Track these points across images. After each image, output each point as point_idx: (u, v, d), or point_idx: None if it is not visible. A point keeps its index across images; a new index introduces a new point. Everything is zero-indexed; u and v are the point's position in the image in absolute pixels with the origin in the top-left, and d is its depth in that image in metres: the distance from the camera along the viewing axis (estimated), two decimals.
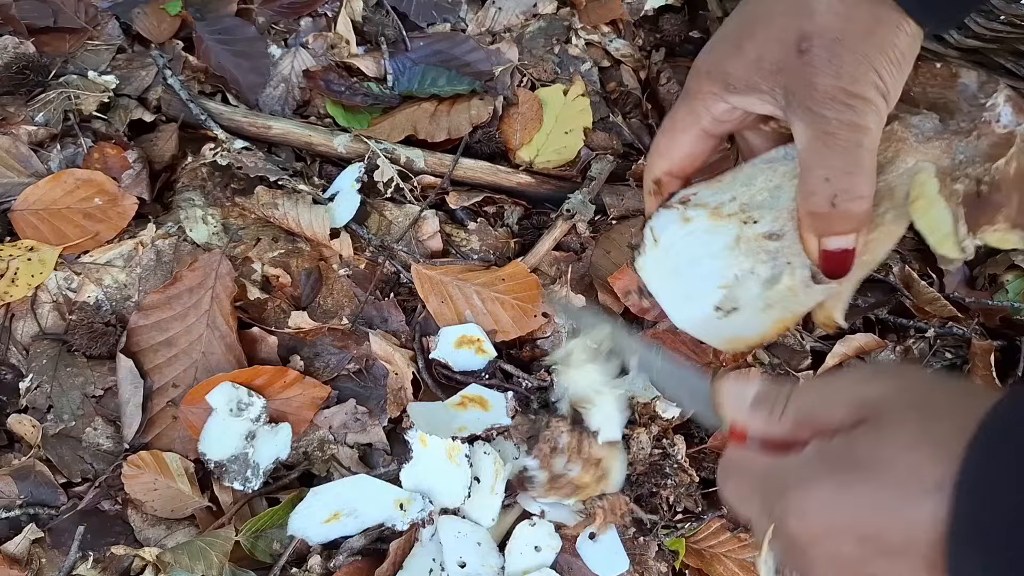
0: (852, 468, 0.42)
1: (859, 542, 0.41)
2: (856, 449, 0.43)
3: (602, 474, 0.77)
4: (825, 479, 0.43)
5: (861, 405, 0.44)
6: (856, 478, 0.42)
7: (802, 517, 0.43)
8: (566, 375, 0.76)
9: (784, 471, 0.46)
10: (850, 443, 0.43)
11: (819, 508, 0.43)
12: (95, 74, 0.99)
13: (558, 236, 0.95)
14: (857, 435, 0.43)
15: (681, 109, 0.64)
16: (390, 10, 1.10)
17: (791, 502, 0.44)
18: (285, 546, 0.78)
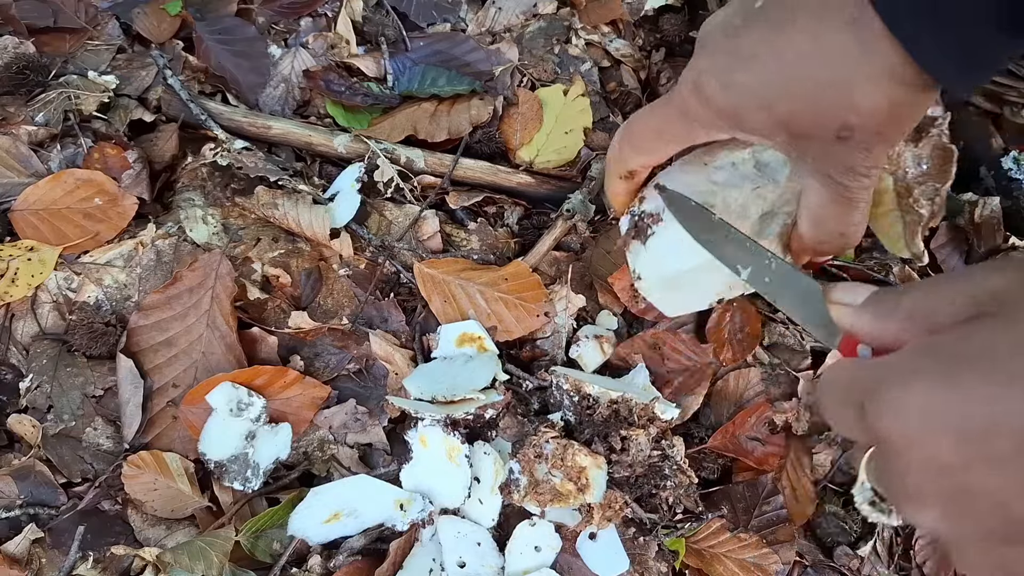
0: (966, 361, 0.37)
1: (961, 444, 0.36)
2: (970, 342, 0.38)
3: (585, 484, 0.77)
4: (929, 372, 0.38)
5: (983, 298, 0.39)
6: (970, 371, 0.36)
7: (898, 415, 0.38)
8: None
9: (882, 368, 0.40)
10: (963, 336, 0.38)
11: (919, 404, 0.37)
12: (95, 74, 0.99)
13: (558, 236, 0.95)
14: (972, 328, 0.39)
15: (676, 122, 0.62)
16: (390, 10, 1.10)
17: (887, 398, 0.39)
18: (285, 546, 0.79)
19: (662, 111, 0.63)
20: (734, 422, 0.88)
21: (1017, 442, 0.35)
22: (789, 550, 0.84)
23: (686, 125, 0.61)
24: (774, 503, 0.86)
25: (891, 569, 0.90)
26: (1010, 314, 0.37)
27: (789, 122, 0.57)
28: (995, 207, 1.04)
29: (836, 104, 0.54)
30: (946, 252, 1.04)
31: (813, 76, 0.53)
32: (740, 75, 0.56)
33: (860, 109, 0.54)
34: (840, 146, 0.56)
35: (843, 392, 0.42)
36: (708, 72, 0.58)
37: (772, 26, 0.55)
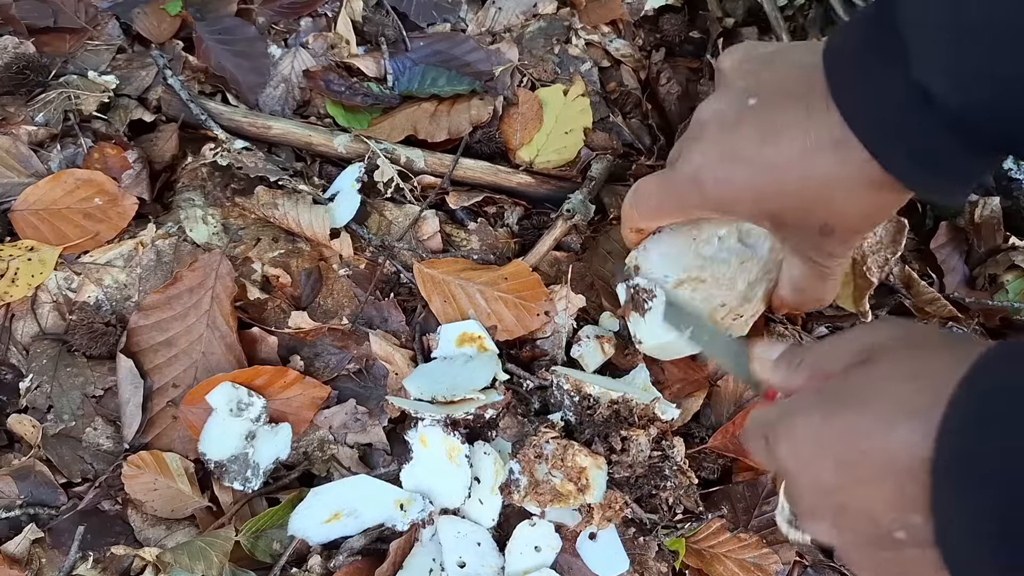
0: (841, 398, 0.45)
1: (838, 468, 0.43)
2: (847, 383, 0.45)
3: (585, 484, 0.77)
4: (814, 408, 0.46)
5: (862, 349, 0.47)
6: (843, 406, 0.44)
7: (791, 444, 0.46)
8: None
9: (782, 407, 0.49)
10: (844, 379, 0.46)
11: (806, 435, 0.45)
12: (95, 74, 0.99)
13: (558, 236, 0.95)
14: (851, 372, 0.46)
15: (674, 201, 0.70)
16: (390, 10, 1.10)
17: (782, 431, 0.47)
18: (285, 546, 0.79)
19: (663, 190, 0.71)
20: (734, 422, 0.88)
21: (879, 467, 0.41)
22: (789, 550, 0.84)
23: (683, 207, 0.70)
24: (774, 503, 0.86)
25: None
26: (879, 361, 0.45)
27: (776, 216, 0.64)
28: (995, 207, 1.04)
29: (819, 208, 0.61)
30: (946, 252, 1.04)
31: (800, 184, 0.60)
32: (734, 173, 0.63)
33: (841, 215, 0.61)
34: (820, 238, 0.64)
35: (755, 428, 0.51)
36: (705, 168, 0.64)
37: (764, 132, 0.61)
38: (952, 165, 0.54)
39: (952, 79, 0.49)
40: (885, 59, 0.53)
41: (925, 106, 0.51)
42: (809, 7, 1.19)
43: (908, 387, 0.42)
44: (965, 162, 0.54)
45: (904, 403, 0.41)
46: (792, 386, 0.53)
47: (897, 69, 0.52)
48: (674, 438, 0.82)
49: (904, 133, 0.53)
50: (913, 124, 0.53)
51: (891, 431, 0.41)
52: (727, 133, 0.63)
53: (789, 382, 0.53)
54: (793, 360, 0.53)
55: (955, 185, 0.56)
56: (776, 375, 0.55)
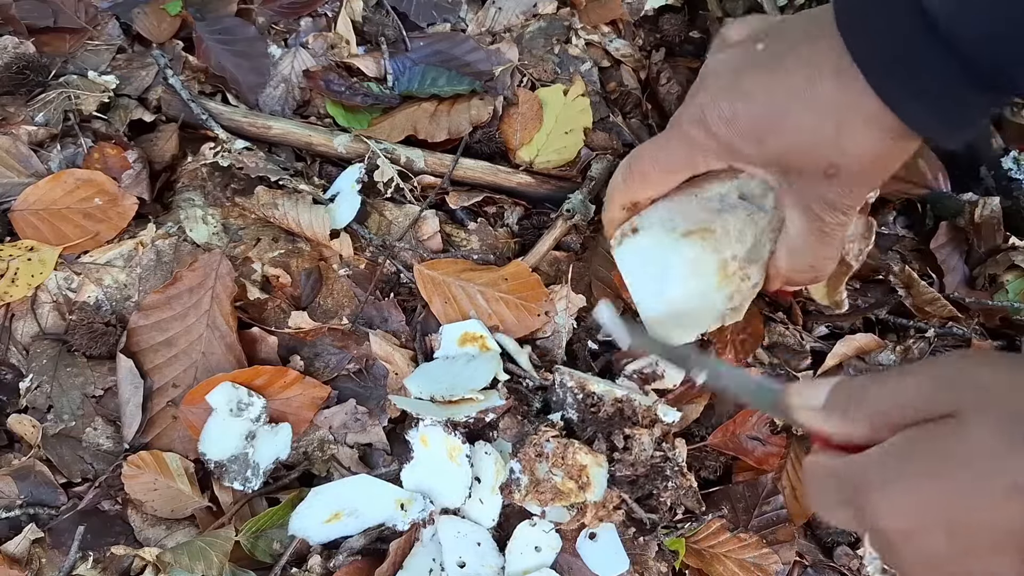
0: (942, 463, 0.42)
1: (951, 538, 0.41)
2: (944, 445, 0.42)
3: (586, 482, 0.77)
4: (911, 474, 0.42)
5: (940, 401, 0.44)
6: (944, 472, 0.41)
7: (891, 515, 0.43)
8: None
9: (867, 469, 0.45)
10: (936, 439, 0.43)
11: (907, 504, 0.42)
12: (95, 74, 0.99)
13: (558, 236, 0.95)
14: (941, 432, 0.43)
15: (679, 152, 0.67)
16: (390, 10, 1.10)
17: (879, 501, 0.43)
18: (285, 546, 0.79)
19: (667, 146, 0.68)
20: (734, 421, 0.88)
21: (997, 537, 0.40)
22: (789, 550, 0.84)
23: (690, 156, 0.67)
24: (774, 503, 0.86)
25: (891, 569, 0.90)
26: (968, 418, 0.42)
27: (780, 156, 0.62)
28: (995, 207, 1.04)
29: (824, 145, 0.59)
30: (946, 252, 1.04)
31: (804, 118, 0.58)
32: (739, 109, 0.61)
33: (846, 151, 0.59)
34: (825, 182, 0.62)
35: (834, 494, 0.47)
36: (709, 106, 0.63)
37: (769, 69, 0.60)
38: (950, 98, 0.53)
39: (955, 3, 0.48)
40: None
41: (927, 34, 0.50)
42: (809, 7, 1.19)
43: (1009, 450, 0.40)
44: (964, 96, 0.53)
45: (1011, 470, 0.39)
46: (855, 437, 0.48)
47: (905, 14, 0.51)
48: (675, 440, 0.82)
49: (902, 60, 0.52)
50: (913, 52, 0.51)
51: (1007, 502, 0.39)
52: (732, 76, 0.62)
53: (851, 434, 0.48)
54: (849, 407, 0.48)
55: (953, 122, 0.54)
56: (832, 424, 0.49)
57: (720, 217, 0.71)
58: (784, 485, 0.88)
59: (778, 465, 0.88)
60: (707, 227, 0.71)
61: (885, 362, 0.94)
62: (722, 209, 0.71)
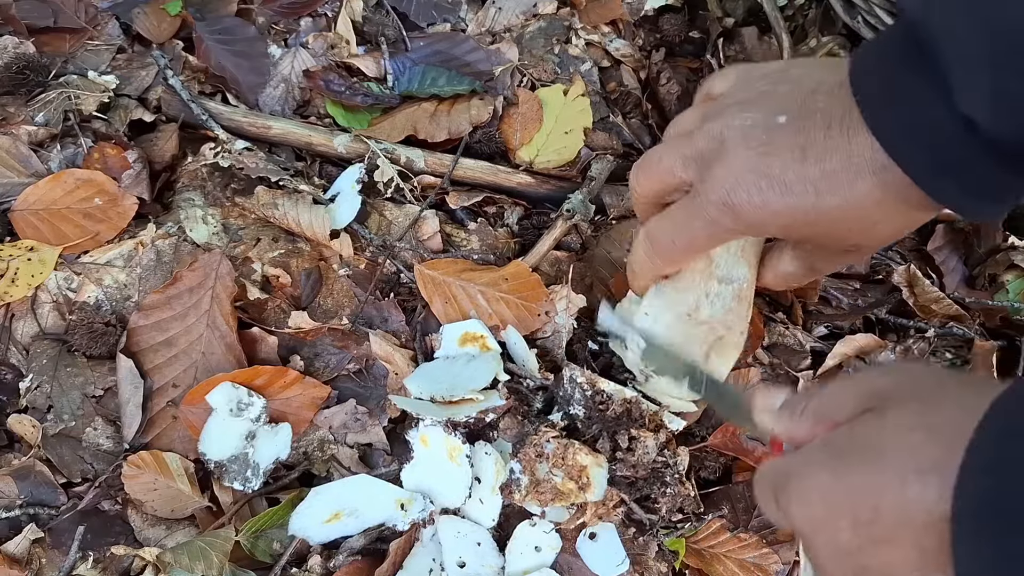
0: (850, 453, 0.42)
1: (854, 528, 0.41)
2: (855, 436, 0.43)
3: (586, 482, 0.77)
4: (824, 465, 0.43)
5: (869, 396, 0.45)
6: (854, 462, 0.42)
7: (803, 504, 0.44)
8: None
9: (788, 463, 0.47)
10: (851, 430, 0.44)
11: (818, 494, 0.43)
12: (95, 74, 0.99)
13: (558, 236, 0.95)
14: (858, 423, 0.44)
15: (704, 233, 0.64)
16: (390, 10, 1.10)
17: (793, 491, 0.44)
18: (285, 546, 0.79)
19: (690, 227, 0.65)
20: None
21: (895, 525, 0.40)
22: (789, 550, 0.84)
23: (713, 237, 0.65)
24: None
25: None
26: (888, 410, 0.43)
27: (806, 237, 0.64)
28: None
29: (854, 232, 0.59)
30: (945, 253, 1.04)
31: (839, 208, 0.57)
32: (771, 196, 0.58)
33: (874, 236, 0.60)
34: (839, 254, 0.65)
35: (764, 486, 0.49)
36: (735, 191, 0.60)
37: (804, 153, 0.57)
38: (999, 189, 0.53)
39: (995, 107, 0.48)
40: (920, 84, 0.52)
41: (968, 134, 0.50)
42: (809, 7, 1.19)
43: (919, 439, 0.40)
44: (1013, 185, 0.53)
45: (916, 457, 0.39)
46: (797, 436, 0.51)
47: (934, 95, 0.51)
48: (679, 448, 0.82)
49: (949, 162, 0.52)
50: (956, 152, 0.51)
51: (905, 487, 0.39)
52: (758, 152, 0.58)
53: (794, 432, 0.51)
54: (796, 408, 0.51)
55: (1002, 206, 0.55)
56: (779, 424, 0.52)
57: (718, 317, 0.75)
58: None
59: None
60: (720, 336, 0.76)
61: (885, 362, 0.94)
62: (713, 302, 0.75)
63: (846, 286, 0.99)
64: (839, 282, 1.00)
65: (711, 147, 0.61)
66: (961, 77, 0.49)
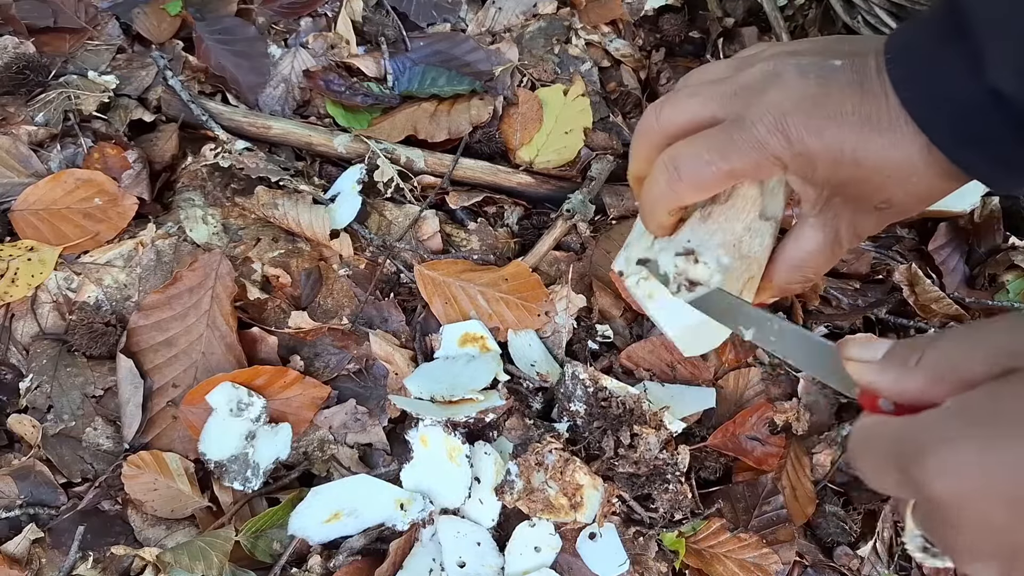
0: (1004, 424, 0.38)
1: (1011, 506, 0.38)
2: (1004, 401, 0.39)
3: (579, 502, 0.77)
4: (971, 435, 0.39)
5: (1009, 354, 0.40)
6: (1007, 434, 0.38)
7: (946, 478, 0.39)
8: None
9: (922, 429, 0.41)
10: (995, 396, 0.39)
11: (965, 467, 0.38)
12: (95, 74, 0.99)
13: (558, 236, 0.95)
14: (1005, 387, 0.39)
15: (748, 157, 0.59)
16: (390, 10, 1.10)
17: (933, 462, 0.39)
18: (285, 546, 0.79)
19: (731, 148, 0.60)
20: (734, 421, 0.88)
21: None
22: (789, 550, 0.84)
23: (758, 164, 0.60)
24: (774, 503, 0.86)
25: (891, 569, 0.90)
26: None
27: (846, 183, 0.59)
28: (995, 207, 1.04)
29: (894, 179, 0.57)
30: (946, 252, 1.04)
31: (889, 148, 0.56)
32: (827, 126, 0.56)
33: (910, 191, 0.58)
34: (868, 213, 0.61)
35: (883, 455, 0.43)
36: (793, 115, 0.57)
37: (860, 89, 0.56)
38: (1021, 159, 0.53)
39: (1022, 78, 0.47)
40: (950, 56, 0.51)
41: (995, 106, 0.50)
42: (809, 7, 1.19)
43: None
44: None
45: None
46: (908, 392, 0.44)
47: (964, 66, 0.50)
48: (679, 447, 0.82)
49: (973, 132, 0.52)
50: (981, 124, 0.51)
51: None
52: (817, 83, 0.57)
53: (907, 389, 0.45)
54: (908, 359, 0.44)
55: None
56: (885, 377, 0.45)
57: (755, 255, 0.66)
58: (784, 485, 0.88)
59: (778, 465, 0.88)
60: (751, 274, 0.66)
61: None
62: (752, 238, 0.66)
63: (846, 286, 0.99)
64: (839, 282, 1.00)
65: (762, 79, 0.59)
66: (992, 48, 0.49)
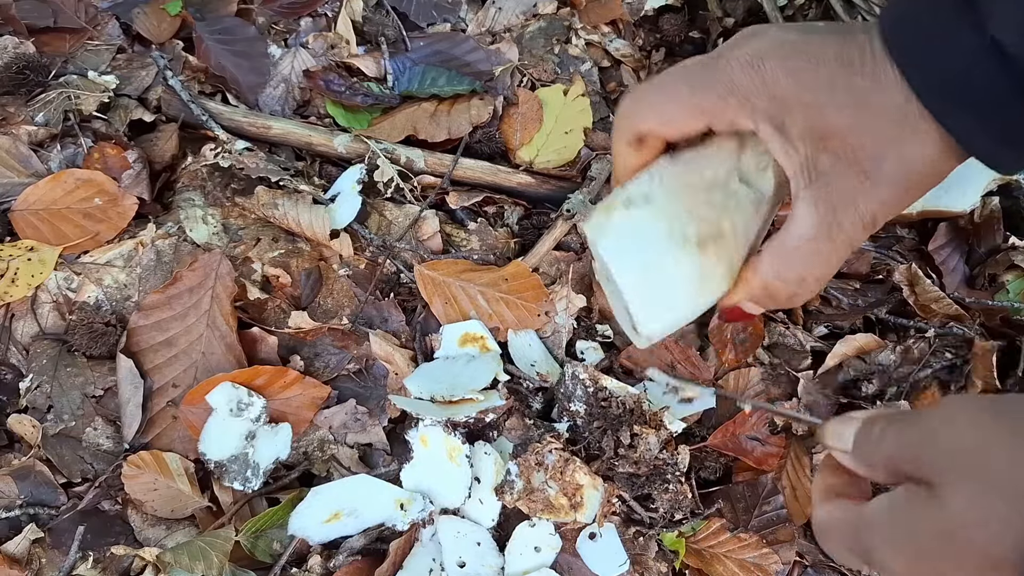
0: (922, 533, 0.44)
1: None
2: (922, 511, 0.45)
3: (579, 502, 0.77)
4: (904, 546, 0.46)
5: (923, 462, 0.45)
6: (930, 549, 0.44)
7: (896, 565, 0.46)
8: None
9: (871, 524, 0.48)
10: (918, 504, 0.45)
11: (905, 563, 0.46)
12: (95, 74, 0.99)
13: (558, 236, 0.95)
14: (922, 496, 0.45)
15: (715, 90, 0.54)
16: (390, 10, 1.10)
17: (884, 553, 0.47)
18: (285, 546, 0.79)
19: (701, 78, 0.55)
20: (734, 421, 0.88)
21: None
22: (789, 550, 0.84)
23: (723, 101, 0.55)
24: (774, 503, 0.86)
25: None
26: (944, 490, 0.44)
27: (826, 133, 0.53)
28: (995, 207, 1.04)
29: (873, 142, 0.53)
30: (946, 253, 1.04)
31: (863, 99, 0.52)
32: (801, 68, 0.52)
33: (901, 157, 0.53)
34: (861, 183, 0.54)
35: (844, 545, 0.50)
36: (769, 55, 0.53)
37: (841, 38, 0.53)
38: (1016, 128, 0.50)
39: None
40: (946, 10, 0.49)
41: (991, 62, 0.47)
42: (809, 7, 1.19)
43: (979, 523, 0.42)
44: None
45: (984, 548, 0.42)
46: (875, 478, 0.51)
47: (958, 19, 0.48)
48: (679, 447, 0.82)
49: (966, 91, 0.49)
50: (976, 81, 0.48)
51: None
52: (798, 31, 0.54)
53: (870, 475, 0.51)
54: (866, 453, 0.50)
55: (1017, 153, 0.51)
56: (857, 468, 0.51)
57: (727, 213, 0.58)
58: (784, 485, 0.88)
59: (778, 465, 0.88)
60: (718, 230, 0.58)
61: (885, 362, 0.94)
62: (727, 198, 0.59)
63: (846, 286, 0.99)
64: (839, 282, 1.00)
65: (742, 36, 0.56)
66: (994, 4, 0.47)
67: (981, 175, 1.03)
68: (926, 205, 1.02)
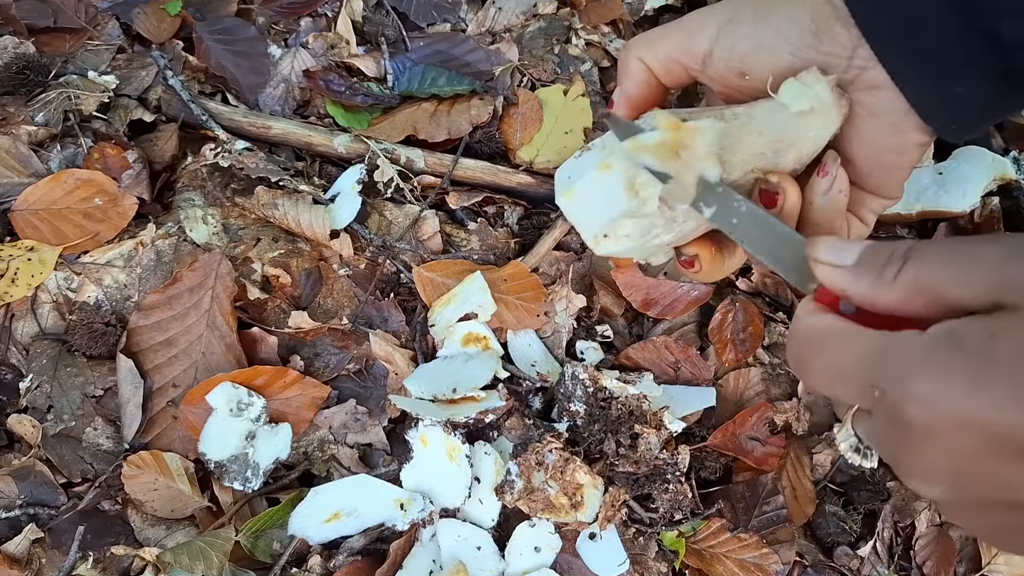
0: (992, 363, 0.36)
1: (984, 440, 0.37)
2: (998, 342, 0.37)
3: (579, 501, 0.77)
4: (959, 371, 0.37)
5: (1000, 285, 0.38)
6: (995, 376, 0.36)
7: (925, 407, 0.38)
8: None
9: (906, 353, 0.39)
10: (990, 332, 0.37)
11: (949, 402, 0.37)
12: (95, 74, 0.99)
13: (558, 236, 0.95)
14: (998, 324, 0.37)
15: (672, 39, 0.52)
16: (390, 10, 1.10)
17: (917, 390, 0.38)
18: (285, 546, 0.79)
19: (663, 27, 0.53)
20: (734, 421, 0.88)
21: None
22: (789, 550, 0.84)
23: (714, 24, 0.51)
24: (774, 503, 0.86)
25: (891, 569, 0.90)
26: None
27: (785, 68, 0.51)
28: (995, 207, 1.04)
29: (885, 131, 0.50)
30: None
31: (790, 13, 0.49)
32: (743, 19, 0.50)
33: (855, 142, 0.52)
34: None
35: (850, 365, 0.41)
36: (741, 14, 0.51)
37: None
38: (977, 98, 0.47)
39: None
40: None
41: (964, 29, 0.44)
42: None
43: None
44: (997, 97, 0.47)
45: None
46: (882, 302, 0.41)
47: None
48: (680, 447, 0.82)
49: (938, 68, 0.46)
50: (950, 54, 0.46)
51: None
52: None
53: (879, 297, 0.41)
54: (886, 269, 0.41)
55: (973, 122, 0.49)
56: (858, 285, 0.42)
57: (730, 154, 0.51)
58: (784, 485, 0.88)
59: (778, 465, 0.88)
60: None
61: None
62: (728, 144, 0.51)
63: None
64: None
65: None
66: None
67: (981, 175, 1.03)
68: (926, 205, 1.02)
